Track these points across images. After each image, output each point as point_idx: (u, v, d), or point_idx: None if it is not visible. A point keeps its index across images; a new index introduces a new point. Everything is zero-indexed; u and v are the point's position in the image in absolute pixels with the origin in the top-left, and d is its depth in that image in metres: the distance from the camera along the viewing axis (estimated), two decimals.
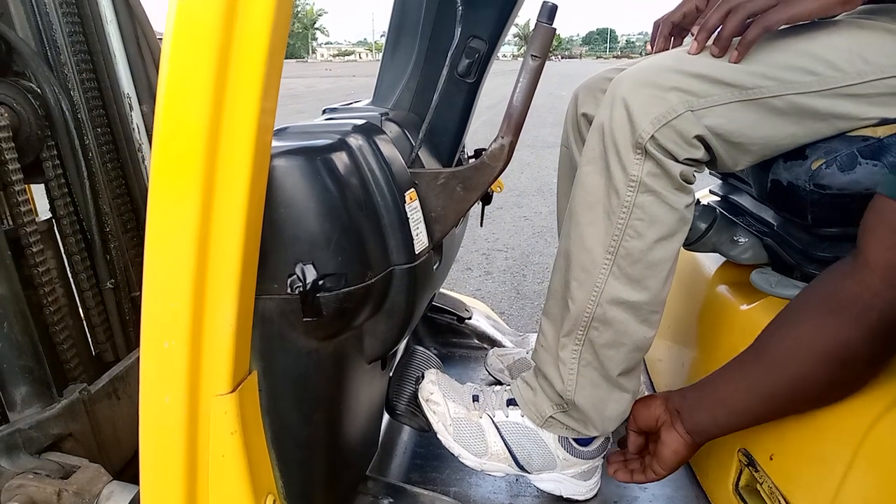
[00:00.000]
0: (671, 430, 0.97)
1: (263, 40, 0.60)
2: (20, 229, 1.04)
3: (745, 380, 0.91)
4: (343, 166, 0.79)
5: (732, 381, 0.93)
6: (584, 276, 0.99)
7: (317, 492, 0.91)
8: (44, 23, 1.13)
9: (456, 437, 1.10)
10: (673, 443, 0.97)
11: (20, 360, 0.99)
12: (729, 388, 0.93)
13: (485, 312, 1.85)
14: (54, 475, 0.96)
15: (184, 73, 0.60)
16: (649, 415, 1.00)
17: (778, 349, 0.87)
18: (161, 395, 0.68)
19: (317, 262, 0.75)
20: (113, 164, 1.25)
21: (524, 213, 5.09)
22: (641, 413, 1.02)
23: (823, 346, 0.82)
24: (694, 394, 0.97)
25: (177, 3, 0.58)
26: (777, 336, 0.88)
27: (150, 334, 0.67)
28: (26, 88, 1.07)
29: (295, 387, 0.81)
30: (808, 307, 0.85)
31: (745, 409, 0.92)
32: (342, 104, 1.12)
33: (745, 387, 0.91)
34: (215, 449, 0.72)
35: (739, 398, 0.92)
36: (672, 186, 0.94)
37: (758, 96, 0.91)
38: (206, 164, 0.61)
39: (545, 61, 0.89)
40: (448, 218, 0.93)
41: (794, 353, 0.85)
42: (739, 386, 0.92)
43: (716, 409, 0.94)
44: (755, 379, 0.90)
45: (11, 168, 1.01)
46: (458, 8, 0.93)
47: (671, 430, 0.97)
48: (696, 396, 0.97)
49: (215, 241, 0.64)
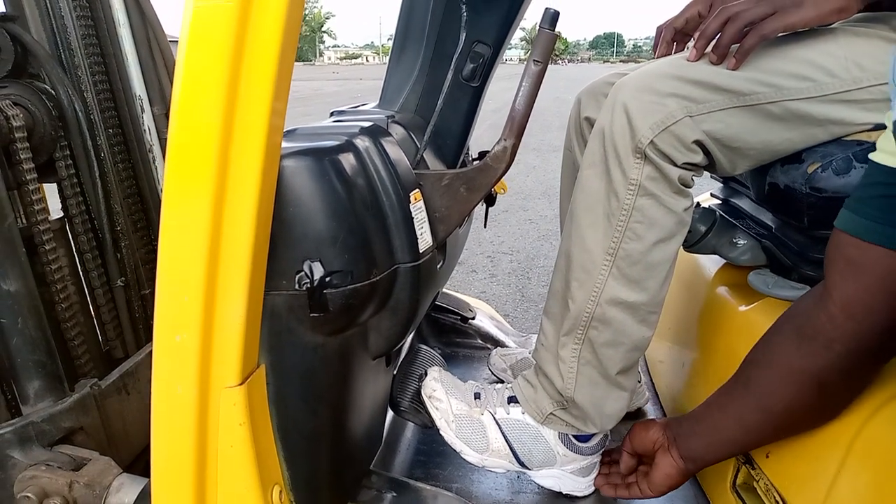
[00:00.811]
0: (666, 455, 1.00)
1: (274, 44, 0.62)
2: (33, 227, 1.07)
3: (733, 408, 0.93)
4: (350, 167, 0.81)
5: (723, 409, 0.95)
6: (585, 277, 1.01)
7: (322, 484, 0.93)
8: (58, 26, 1.15)
9: (458, 434, 1.11)
10: (666, 467, 0.99)
11: (33, 354, 1.02)
12: (720, 417, 0.95)
13: (488, 313, 1.86)
14: (66, 467, 0.98)
15: (198, 76, 0.62)
16: (647, 438, 1.03)
17: (758, 377, 0.89)
18: (173, 387, 0.70)
19: (324, 259, 0.77)
20: (124, 165, 1.27)
21: (529, 216, 5.10)
22: (639, 435, 1.05)
23: (799, 374, 0.83)
24: (690, 421, 1.00)
25: (192, 9, 0.61)
26: (756, 363, 0.90)
27: (163, 327, 0.69)
28: (41, 90, 1.09)
29: (301, 380, 0.83)
30: (784, 334, 0.86)
31: (736, 438, 0.94)
32: (349, 107, 1.14)
33: (734, 415, 0.93)
34: (224, 439, 0.74)
35: (730, 426, 0.94)
36: (671, 190, 0.96)
37: (755, 102, 0.93)
38: (219, 163, 0.63)
39: (547, 66, 0.91)
40: (452, 218, 0.95)
41: (773, 381, 0.87)
42: (729, 414, 0.94)
43: (709, 436, 0.96)
44: (742, 407, 0.92)
45: (26, 168, 1.03)
46: (463, 14, 0.96)
47: (666, 454, 1.00)
48: (691, 424, 0.99)
49: (227, 238, 0.66)
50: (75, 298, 1.16)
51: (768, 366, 0.88)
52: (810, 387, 0.84)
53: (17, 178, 1.03)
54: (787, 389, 0.86)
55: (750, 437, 0.94)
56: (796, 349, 0.83)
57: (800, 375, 0.84)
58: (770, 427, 0.91)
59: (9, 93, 1.05)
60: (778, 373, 0.86)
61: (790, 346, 0.84)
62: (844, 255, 0.77)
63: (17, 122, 1.01)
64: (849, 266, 0.76)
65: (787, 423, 0.90)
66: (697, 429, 0.98)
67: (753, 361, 0.91)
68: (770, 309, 1.11)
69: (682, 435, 0.99)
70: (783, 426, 0.91)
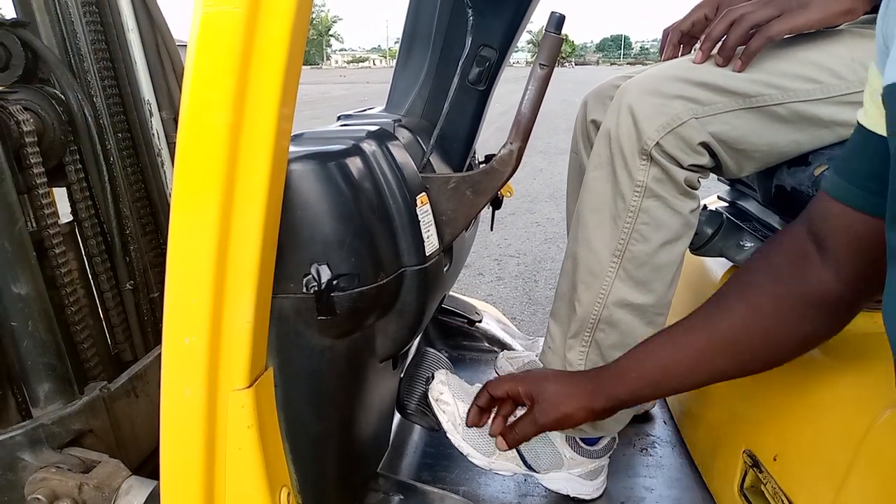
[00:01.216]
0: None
1: (282, 50, 0.62)
2: (43, 231, 1.07)
3: (667, 365, 0.89)
4: (357, 171, 0.81)
5: (656, 369, 0.90)
6: (591, 279, 1.01)
7: (329, 486, 0.93)
8: (68, 31, 1.16)
9: (465, 437, 1.12)
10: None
11: (43, 357, 1.02)
12: (654, 377, 0.89)
13: (495, 316, 1.87)
14: (76, 469, 0.99)
15: (206, 81, 0.63)
16: (576, 417, 0.92)
17: (742, 342, 0.86)
18: (182, 389, 0.71)
19: (331, 262, 0.77)
20: (133, 169, 1.28)
21: (536, 218, 5.10)
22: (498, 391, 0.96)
23: (801, 339, 0.84)
24: (620, 389, 0.91)
25: (200, 15, 0.61)
26: (738, 328, 0.86)
27: (172, 330, 0.69)
28: (51, 95, 1.10)
29: (309, 383, 0.84)
30: (781, 299, 0.84)
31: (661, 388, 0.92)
32: (356, 111, 1.15)
33: (689, 368, 0.88)
34: (233, 442, 0.74)
35: (679, 375, 0.89)
36: (677, 192, 0.96)
37: (761, 104, 0.93)
38: (227, 167, 0.64)
39: (553, 70, 0.91)
40: (458, 221, 0.96)
41: (760, 344, 0.85)
42: (661, 371, 0.89)
43: (638, 393, 0.91)
44: (707, 364, 0.88)
45: (36, 172, 1.04)
46: (469, 18, 0.96)
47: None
48: (621, 390, 0.91)
49: (235, 241, 0.67)
50: (85, 302, 1.17)
51: (753, 331, 0.85)
52: (803, 346, 0.85)
53: (28, 183, 1.04)
54: (774, 350, 0.85)
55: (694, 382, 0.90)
56: (800, 317, 0.82)
57: (801, 340, 0.84)
58: (726, 375, 0.89)
59: (19, 98, 1.06)
60: (769, 336, 0.84)
61: (793, 317, 0.82)
62: (851, 229, 0.76)
63: (27, 127, 1.01)
64: (856, 239, 0.76)
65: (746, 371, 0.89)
66: (631, 387, 0.90)
67: (732, 328, 0.86)
68: None
69: (620, 399, 0.91)
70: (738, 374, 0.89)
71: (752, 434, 1.03)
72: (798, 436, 0.94)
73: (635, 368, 0.90)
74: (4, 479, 0.98)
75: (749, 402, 1.09)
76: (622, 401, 0.91)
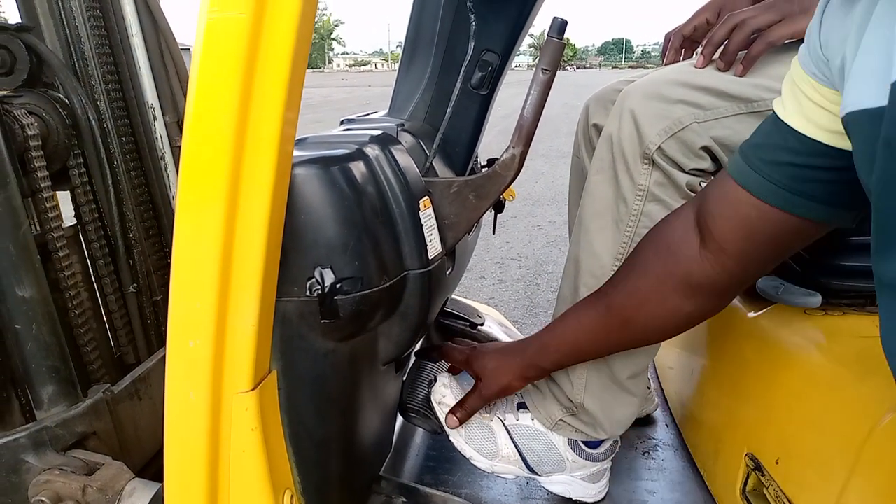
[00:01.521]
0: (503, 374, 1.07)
1: (287, 55, 0.63)
2: (47, 234, 1.08)
3: (594, 334, 0.98)
4: (360, 175, 0.81)
5: (583, 339, 0.99)
6: (594, 282, 1.02)
7: (332, 489, 0.94)
8: (72, 36, 1.17)
9: (467, 440, 1.12)
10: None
11: (47, 360, 1.02)
12: (579, 344, 1.00)
13: (497, 319, 1.87)
14: (79, 472, 0.99)
15: (212, 86, 0.63)
16: (498, 380, 1.07)
17: (630, 319, 0.93)
18: (186, 392, 0.71)
19: (335, 266, 0.77)
20: (137, 173, 1.29)
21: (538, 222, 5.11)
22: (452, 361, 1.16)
23: (686, 317, 0.90)
24: (544, 358, 1.03)
25: (205, 20, 0.62)
26: (626, 306, 0.93)
27: (177, 333, 0.70)
28: (55, 99, 1.11)
29: (312, 386, 0.84)
30: (663, 282, 0.89)
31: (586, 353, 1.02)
32: (359, 115, 1.15)
33: (591, 339, 0.99)
34: (236, 444, 0.74)
35: (584, 347, 1.00)
36: (679, 195, 0.96)
37: (763, 108, 0.93)
38: (232, 171, 0.64)
39: (555, 74, 0.92)
40: (461, 225, 0.96)
41: (646, 320, 0.92)
42: (587, 340, 0.99)
43: (560, 360, 1.03)
44: (604, 343, 0.98)
45: (40, 175, 1.05)
46: (472, 23, 0.96)
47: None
48: (545, 358, 1.03)
49: (239, 245, 0.67)
50: (88, 305, 1.17)
51: (641, 309, 0.91)
52: (687, 323, 0.91)
53: (32, 186, 1.04)
54: (660, 325, 0.92)
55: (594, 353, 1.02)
56: (682, 296, 0.87)
57: (685, 318, 0.90)
58: (621, 347, 1.00)
59: (24, 102, 1.06)
60: (655, 313, 0.91)
61: (676, 296, 0.88)
62: (742, 213, 0.79)
63: (31, 131, 1.02)
64: (746, 224, 0.79)
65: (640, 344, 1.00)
66: (553, 357, 1.03)
67: (622, 305, 0.93)
68: (779, 315, 1.11)
69: (544, 368, 1.05)
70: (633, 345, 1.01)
71: (754, 437, 1.04)
72: (800, 439, 0.94)
73: (553, 341, 1.02)
74: (8, 482, 0.98)
75: (751, 405, 1.09)
76: (547, 369, 1.06)
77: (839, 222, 0.76)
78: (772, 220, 0.76)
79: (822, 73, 0.67)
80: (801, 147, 0.71)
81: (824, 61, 0.66)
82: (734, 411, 1.15)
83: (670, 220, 0.91)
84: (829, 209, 0.74)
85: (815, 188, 0.72)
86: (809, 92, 0.69)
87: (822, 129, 0.69)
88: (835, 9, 0.65)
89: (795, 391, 1.00)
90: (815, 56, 0.68)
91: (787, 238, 0.79)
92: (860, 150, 0.57)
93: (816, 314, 1.09)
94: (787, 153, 0.73)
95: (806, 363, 1.02)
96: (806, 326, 1.08)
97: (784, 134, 0.73)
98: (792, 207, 0.74)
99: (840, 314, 1.08)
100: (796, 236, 0.79)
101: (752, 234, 0.79)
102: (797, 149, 0.71)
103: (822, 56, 0.66)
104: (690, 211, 0.87)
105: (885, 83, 0.49)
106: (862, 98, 0.54)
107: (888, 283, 0.54)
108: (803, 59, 0.70)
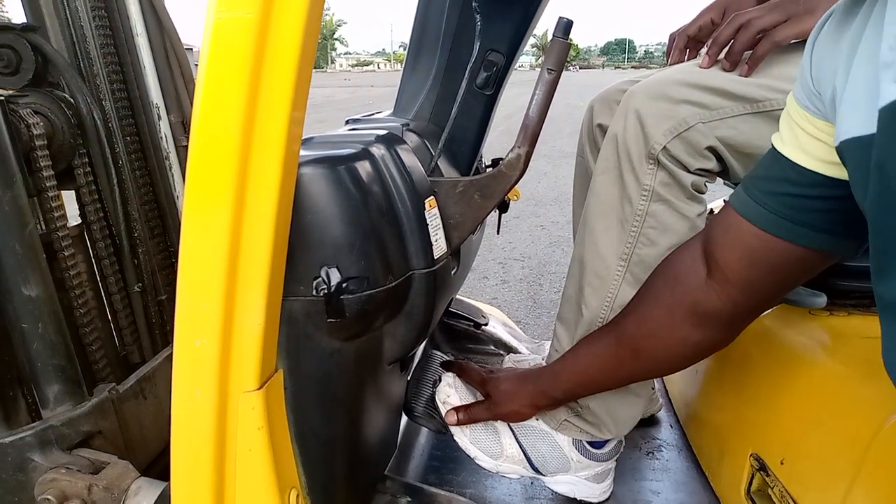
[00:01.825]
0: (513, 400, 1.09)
1: (293, 55, 0.63)
2: (53, 234, 1.08)
3: (604, 364, 0.99)
4: (366, 174, 0.82)
5: (592, 368, 1.01)
6: (598, 283, 1.02)
7: (338, 488, 0.94)
8: (77, 36, 1.17)
9: (472, 439, 1.12)
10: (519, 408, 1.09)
11: (53, 359, 1.03)
12: (589, 375, 1.01)
13: (501, 319, 1.87)
14: (85, 470, 0.99)
15: (219, 86, 0.63)
16: (512, 402, 1.09)
17: (643, 348, 0.94)
18: (192, 390, 0.71)
19: (340, 265, 0.78)
20: (141, 172, 1.29)
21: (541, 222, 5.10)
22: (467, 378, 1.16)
23: (694, 347, 0.91)
24: (555, 386, 1.05)
25: (212, 21, 0.62)
26: (637, 335, 0.94)
27: (183, 332, 0.70)
28: (60, 98, 1.11)
29: (318, 385, 0.84)
30: (672, 311, 0.90)
31: (596, 384, 1.03)
32: (365, 115, 1.15)
33: (601, 370, 1.00)
34: (243, 443, 0.75)
35: (593, 381, 1.02)
36: (684, 196, 0.96)
37: (768, 109, 0.93)
38: (239, 171, 0.65)
39: (560, 75, 0.92)
40: (466, 225, 0.96)
41: (657, 350, 0.93)
42: (597, 371, 1.00)
43: (572, 389, 1.04)
44: (616, 371, 0.99)
45: (45, 175, 1.05)
46: (477, 23, 0.96)
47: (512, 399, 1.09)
48: (556, 387, 1.05)
49: (246, 244, 0.67)
50: (93, 304, 1.17)
51: (651, 338, 0.92)
52: (696, 354, 0.92)
53: (38, 186, 1.05)
54: (670, 355, 0.93)
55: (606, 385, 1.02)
56: (690, 326, 0.88)
57: (693, 348, 0.91)
58: (633, 378, 1.02)
59: (29, 101, 1.07)
60: (664, 343, 0.92)
61: (684, 326, 0.89)
62: (746, 243, 0.81)
63: (37, 131, 1.02)
64: (750, 254, 0.81)
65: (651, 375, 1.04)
66: (563, 387, 1.04)
67: (633, 335, 0.94)
68: (784, 315, 1.11)
69: (554, 397, 1.06)
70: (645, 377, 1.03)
71: (759, 437, 1.04)
72: (805, 439, 0.94)
73: (565, 371, 1.03)
74: (15, 480, 0.98)
75: (756, 405, 1.09)
76: (559, 399, 1.07)
77: (841, 252, 0.78)
78: (774, 249, 0.78)
79: (816, 106, 0.69)
80: (800, 178, 0.73)
81: (816, 95, 0.68)
82: (738, 411, 1.15)
83: (680, 250, 0.93)
84: (830, 238, 0.75)
85: (815, 217, 0.74)
86: (804, 125, 0.72)
87: (819, 160, 0.71)
88: (824, 43, 0.67)
89: (800, 392, 1.00)
90: (808, 90, 0.70)
91: (789, 268, 0.80)
92: (855, 177, 0.59)
93: (821, 314, 1.09)
94: (787, 185, 0.75)
95: (811, 364, 1.02)
96: (811, 327, 1.08)
97: (783, 166, 0.75)
98: (793, 237, 0.76)
99: (845, 314, 1.08)
100: (799, 267, 0.80)
101: (756, 265, 0.81)
102: (796, 180, 0.73)
103: (814, 90, 0.69)
104: (698, 242, 0.89)
105: (872, 110, 0.51)
106: (852, 126, 0.56)
107: (889, 303, 0.55)
108: (797, 94, 0.73)
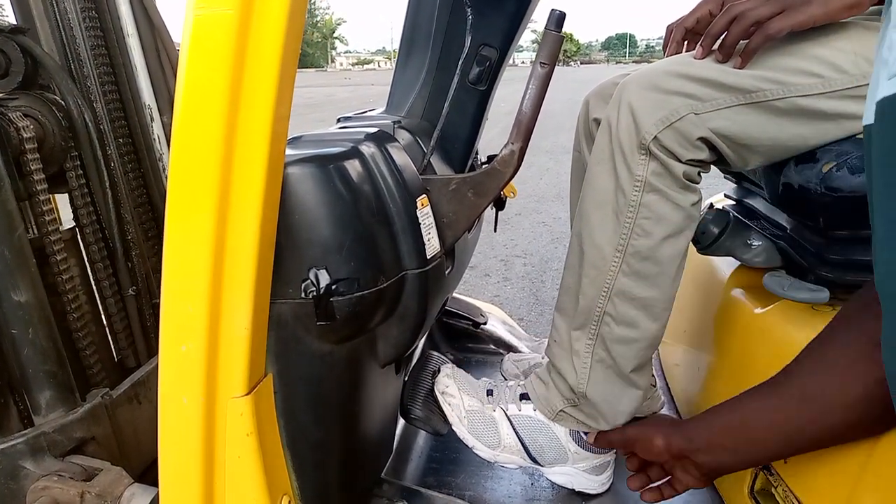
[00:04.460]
0: (685, 473, 0.95)
1: (276, 51, 0.62)
2: (45, 238, 1.07)
3: (768, 415, 0.87)
4: (355, 173, 0.80)
5: (754, 418, 0.88)
6: (595, 273, 1.01)
7: (332, 493, 0.93)
8: (68, 37, 1.16)
9: (470, 429, 1.11)
10: (688, 481, 0.94)
11: (44, 365, 1.02)
12: (751, 427, 0.88)
13: (501, 318, 1.85)
14: (77, 477, 0.98)
15: (199, 84, 0.62)
16: (652, 449, 0.97)
17: (811, 388, 0.83)
18: (179, 397, 0.70)
19: (330, 267, 0.76)
20: (134, 174, 1.28)
21: (543, 218, 5.08)
22: (644, 447, 0.99)
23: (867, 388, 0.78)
24: (703, 434, 0.93)
25: (192, 17, 0.61)
26: (811, 371, 0.84)
27: (169, 337, 0.69)
28: (51, 101, 1.10)
29: (309, 389, 0.83)
30: (844, 347, 0.81)
31: (768, 446, 0.88)
32: (356, 112, 1.14)
33: (767, 422, 0.87)
34: (231, 450, 0.73)
35: (760, 435, 0.87)
36: (677, 185, 0.95)
37: (761, 99, 0.92)
38: (222, 171, 0.63)
39: (554, 68, 0.90)
40: (460, 223, 0.95)
41: (828, 393, 0.81)
42: (761, 422, 0.87)
43: (735, 447, 0.90)
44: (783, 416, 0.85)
45: (36, 178, 1.04)
46: (468, 17, 0.95)
47: (685, 473, 0.95)
48: (706, 436, 0.92)
49: (231, 246, 0.66)
50: (86, 308, 1.17)
51: (827, 372, 0.82)
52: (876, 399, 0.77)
53: (28, 189, 1.04)
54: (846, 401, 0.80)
55: (785, 444, 0.87)
56: (865, 362, 0.77)
57: (867, 389, 0.78)
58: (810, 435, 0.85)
59: (19, 104, 1.06)
60: (841, 380, 0.80)
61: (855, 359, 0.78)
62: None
63: (27, 134, 1.01)
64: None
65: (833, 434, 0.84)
66: (715, 442, 0.91)
67: (806, 370, 0.84)
68: (786, 311, 1.09)
69: (695, 451, 0.93)
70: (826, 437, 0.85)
71: None
72: None
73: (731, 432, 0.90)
74: (6, 488, 0.97)
75: None
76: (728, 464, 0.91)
77: None
78: None
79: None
80: None
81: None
82: None
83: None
84: None
85: None
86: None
87: None
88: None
89: None
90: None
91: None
92: (867, 166, 0.57)
93: (824, 310, 1.07)
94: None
95: None
96: (814, 323, 1.06)
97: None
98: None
99: None
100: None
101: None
102: None
103: None
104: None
105: (873, 102, 0.51)
106: (864, 117, 0.55)
107: (890, 294, 0.53)
108: None
